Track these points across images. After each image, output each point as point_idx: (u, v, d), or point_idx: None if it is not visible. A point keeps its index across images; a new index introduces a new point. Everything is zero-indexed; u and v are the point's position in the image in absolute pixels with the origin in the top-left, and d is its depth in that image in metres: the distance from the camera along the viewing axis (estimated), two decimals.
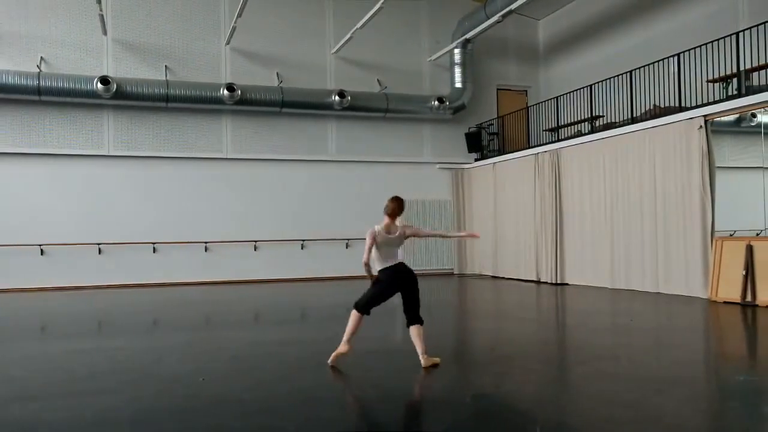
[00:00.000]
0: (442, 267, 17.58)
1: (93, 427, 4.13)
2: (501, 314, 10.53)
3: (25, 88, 13.85)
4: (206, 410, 4.53)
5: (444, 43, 17.37)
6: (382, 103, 16.66)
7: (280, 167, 16.34)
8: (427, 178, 17.61)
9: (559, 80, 17.61)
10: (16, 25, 14.35)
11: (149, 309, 11.19)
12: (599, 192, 13.20)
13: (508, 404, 4.66)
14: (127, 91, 14.51)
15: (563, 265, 14.22)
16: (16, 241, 14.16)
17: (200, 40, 15.71)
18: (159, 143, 15.34)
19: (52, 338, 8.45)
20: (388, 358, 6.32)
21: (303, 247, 16.27)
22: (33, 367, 6.03)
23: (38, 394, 4.98)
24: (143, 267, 15.05)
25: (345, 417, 4.31)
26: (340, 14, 16.62)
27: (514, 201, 15.87)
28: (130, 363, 6.17)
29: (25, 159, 14.42)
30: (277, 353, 6.30)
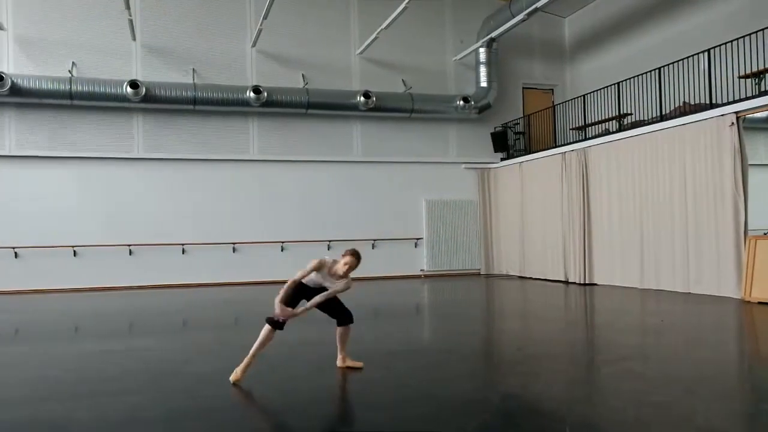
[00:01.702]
0: (468, 267, 17.50)
1: (123, 426, 4.20)
2: (528, 314, 10.45)
3: (57, 93, 14.15)
4: (234, 410, 4.57)
5: (468, 43, 17.30)
6: (407, 103, 16.65)
7: (305, 168, 16.44)
8: (453, 179, 17.55)
9: (585, 78, 17.42)
10: (49, 31, 14.67)
11: (178, 310, 11.34)
12: (628, 191, 13.02)
13: (536, 404, 4.63)
14: (156, 94, 14.72)
15: (591, 265, 14.06)
16: (49, 242, 14.47)
17: (227, 42, 15.88)
18: (187, 145, 15.54)
19: (85, 338, 8.61)
20: (412, 358, 6.30)
21: (329, 247, 16.32)
22: (66, 367, 6.15)
23: (70, 394, 5.07)
24: (173, 268, 15.25)
25: (373, 417, 4.31)
26: (365, 15, 16.67)
27: (541, 201, 15.73)
28: (160, 363, 6.25)
29: (57, 162, 14.73)
30: (301, 353, 6.33)
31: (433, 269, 17.16)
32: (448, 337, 7.94)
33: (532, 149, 16.83)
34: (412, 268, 17.10)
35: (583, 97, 14.93)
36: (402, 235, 16.99)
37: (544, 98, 18.39)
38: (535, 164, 16.09)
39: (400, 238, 16.94)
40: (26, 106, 14.40)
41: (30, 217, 14.42)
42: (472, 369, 6.02)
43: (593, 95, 14.61)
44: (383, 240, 16.82)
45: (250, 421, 4.40)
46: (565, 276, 14.80)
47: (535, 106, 17.77)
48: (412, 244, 17.14)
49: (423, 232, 17.22)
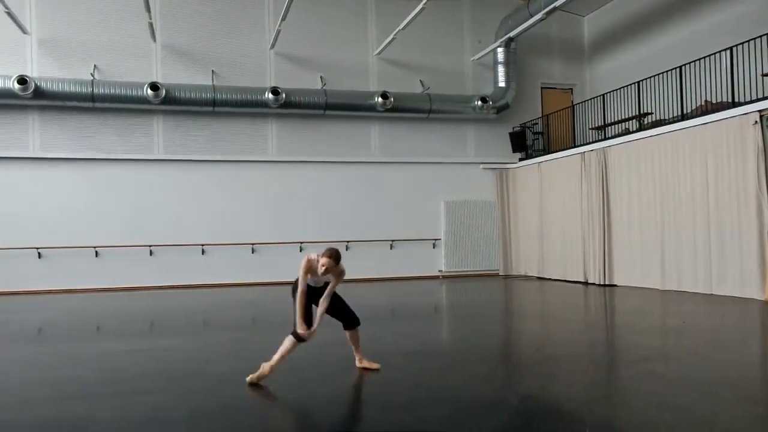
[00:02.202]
0: (487, 268, 17.44)
1: (144, 425, 4.24)
2: (547, 315, 10.39)
3: (79, 95, 14.34)
4: (253, 410, 4.60)
5: (486, 43, 17.24)
6: (425, 103, 16.64)
7: (324, 169, 16.49)
8: (471, 179, 17.50)
9: (605, 77, 17.28)
10: (71, 35, 14.87)
11: (198, 310, 11.43)
12: (648, 191, 12.89)
13: (555, 406, 4.60)
14: (176, 96, 14.86)
15: (611, 265, 13.93)
16: (72, 243, 14.67)
17: (245, 44, 15.98)
18: (206, 147, 15.66)
19: (106, 338, 8.72)
20: (430, 359, 6.29)
21: (347, 248, 16.34)
22: (88, 367, 6.22)
23: (92, 393, 5.13)
24: (192, 268, 15.39)
25: (390, 418, 4.31)
26: (383, 16, 16.69)
27: (560, 201, 15.63)
28: (180, 363, 6.31)
29: (79, 164, 14.93)
30: (320, 354, 6.35)
31: (452, 270, 17.12)
32: (466, 338, 7.92)
33: (551, 149, 16.73)
34: (431, 269, 17.07)
35: (603, 96, 14.81)
36: (420, 235, 16.97)
37: (563, 98, 18.28)
38: (554, 164, 15.99)
39: (418, 239, 16.93)
40: (49, 108, 14.61)
41: (53, 218, 14.64)
42: (491, 370, 6.00)
43: (613, 94, 14.49)
44: (401, 241, 16.82)
45: (269, 420, 4.42)
46: (584, 277, 14.69)
47: (554, 105, 17.66)
48: (431, 244, 17.12)
49: (441, 232, 17.19)
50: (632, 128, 14.02)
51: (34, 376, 5.84)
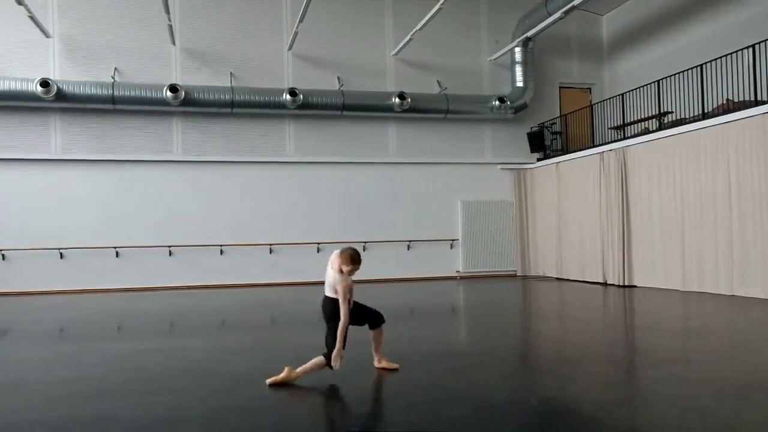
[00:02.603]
0: (504, 269, 17.37)
1: (164, 424, 4.28)
2: (566, 316, 10.32)
3: (100, 98, 14.52)
4: (273, 410, 4.62)
5: (504, 42, 17.18)
6: (443, 104, 16.61)
7: (341, 169, 16.53)
8: (489, 179, 17.45)
9: (624, 76, 17.14)
10: (92, 38, 15.05)
11: (217, 310, 11.51)
12: (669, 191, 12.76)
13: (574, 408, 4.56)
14: (195, 98, 14.98)
15: (631, 266, 13.81)
16: (93, 243, 14.85)
17: (263, 46, 16.08)
18: (225, 148, 15.77)
19: (127, 338, 8.81)
20: (449, 360, 6.28)
21: (365, 248, 16.37)
22: (109, 366, 6.30)
23: (114, 392, 5.19)
24: (211, 269, 15.51)
25: (409, 418, 4.31)
26: (400, 16, 16.70)
27: (579, 201, 15.52)
28: (200, 363, 6.36)
29: (100, 165, 15.11)
30: None
31: (469, 270, 17.07)
32: (484, 339, 7.89)
33: (570, 149, 16.62)
34: (448, 270, 17.04)
35: (622, 95, 14.69)
36: (437, 236, 16.95)
37: (582, 97, 18.15)
38: (572, 164, 15.89)
39: (435, 240, 16.90)
40: (71, 110, 14.81)
41: (74, 219, 14.83)
42: (510, 371, 5.97)
43: (632, 93, 14.36)
44: (419, 241, 16.80)
45: (287, 420, 4.44)
46: (603, 277, 14.57)
47: (573, 105, 17.55)
48: (448, 245, 17.08)
49: (459, 233, 17.15)
50: (652, 128, 13.89)
51: (57, 375, 5.92)
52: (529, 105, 17.27)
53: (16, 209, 14.57)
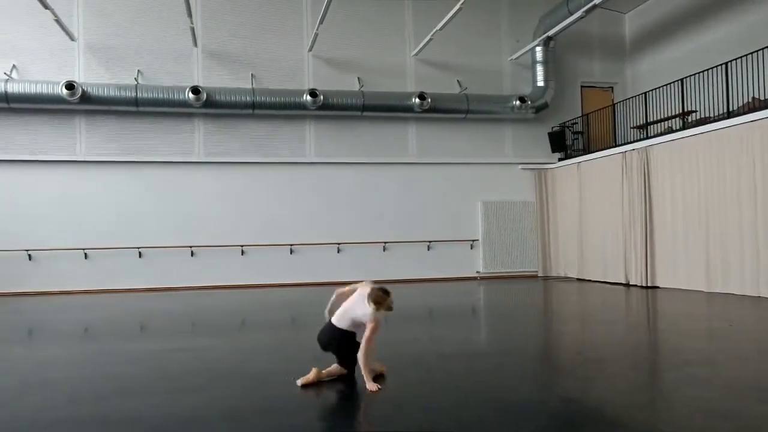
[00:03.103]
0: (525, 269, 17.27)
1: (186, 423, 4.31)
2: (588, 317, 10.22)
3: (123, 100, 14.71)
4: (293, 410, 4.64)
5: (525, 42, 17.09)
6: (463, 104, 16.56)
7: (361, 170, 16.56)
8: (509, 179, 17.37)
9: (647, 75, 16.95)
10: (116, 41, 15.25)
11: (238, 310, 11.59)
12: (693, 191, 12.59)
13: (596, 410, 4.52)
14: (216, 99, 15.11)
15: (654, 267, 13.65)
16: (116, 244, 15.05)
17: (284, 48, 16.16)
18: (246, 149, 15.89)
19: (149, 337, 8.90)
20: (470, 361, 6.25)
21: (385, 249, 16.41)
22: (132, 365, 6.37)
23: (137, 391, 5.25)
24: (232, 269, 15.62)
25: (429, 419, 4.30)
26: (420, 16, 16.69)
27: (601, 201, 15.38)
28: (220, 362, 6.40)
29: (123, 167, 15.31)
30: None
31: (489, 271, 17.00)
32: (505, 340, 7.85)
33: (591, 149, 16.48)
34: (468, 270, 16.99)
35: (645, 94, 14.52)
36: (458, 236, 16.90)
37: (604, 96, 17.98)
38: (594, 164, 15.75)
39: (455, 240, 16.86)
40: (95, 113, 15.02)
41: (98, 220, 15.05)
42: (530, 372, 5.93)
43: (655, 92, 14.19)
44: (439, 242, 16.78)
45: (308, 420, 4.46)
46: (625, 278, 14.42)
47: (594, 104, 17.40)
48: (468, 245, 17.03)
49: (479, 233, 17.09)
50: (675, 127, 13.72)
51: (82, 373, 6.00)
52: (550, 104, 17.15)
53: (42, 210, 14.82)
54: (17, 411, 4.68)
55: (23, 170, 14.86)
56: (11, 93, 14.15)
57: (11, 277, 14.57)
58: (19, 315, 11.34)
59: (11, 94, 14.15)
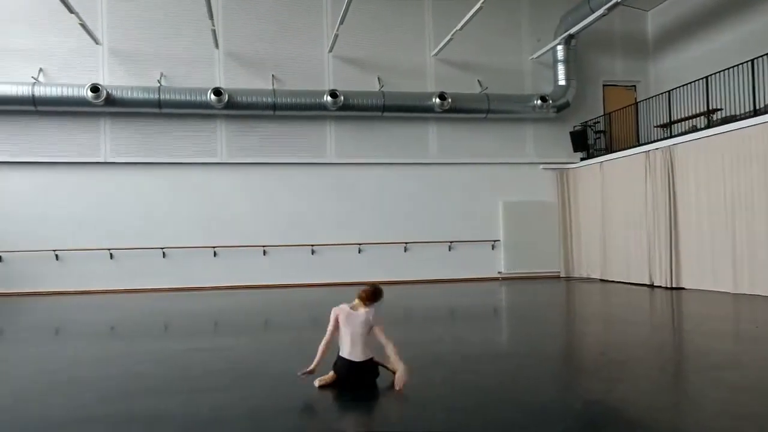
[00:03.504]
0: (547, 270, 17.15)
1: (209, 422, 4.36)
2: (611, 318, 10.12)
3: (147, 102, 14.89)
4: (315, 410, 4.67)
5: (546, 41, 16.97)
6: (483, 103, 16.50)
7: (382, 170, 16.58)
8: (531, 179, 17.27)
9: (671, 73, 16.74)
10: (140, 44, 15.44)
11: (260, 310, 11.67)
12: (718, 190, 12.40)
13: (620, 412, 4.48)
14: (238, 101, 15.23)
15: (679, 268, 13.48)
16: (141, 244, 15.24)
17: (304, 49, 16.24)
18: (267, 150, 15.98)
19: (173, 337, 9.01)
20: (493, 362, 6.24)
21: (406, 249, 16.40)
22: (157, 364, 6.45)
23: (162, 390, 5.32)
24: (254, 269, 15.73)
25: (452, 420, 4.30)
26: (439, 16, 16.67)
27: (624, 201, 15.22)
28: (243, 362, 6.46)
29: (147, 168, 15.49)
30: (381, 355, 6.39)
31: (511, 271, 16.91)
32: (527, 341, 7.81)
33: (614, 148, 16.32)
34: (490, 271, 16.92)
35: (668, 92, 14.35)
36: (479, 237, 16.84)
37: (626, 95, 17.80)
38: (616, 164, 15.59)
39: (476, 240, 16.80)
40: (119, 115, 15.22)
41: (123, 220, 15.25)
42: (553, 373, 5.90)
43: (679, 90, 14.02)
44: (460, 242, 16.73)
45: (331, 421, 4.48)
46: (650, 279, 14.26)
47: (617, 103, 17.22)
48: (489, 246, 16.96)
49: (500, 233, 17.01)
50: (700, 125, 13.53)
51: (108, 372, 6.09)
52: (571, 104, 17.02)
53: (68, 211, 15.06)
54: (47, 409, 4.77)
55: (50, 172, 15.11)
56: (38, 96, 14.39)
57: (39, 276, 14.83)
58: (47, 314, 11.53)
59: (38, 97, 14.40)
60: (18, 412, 4.70)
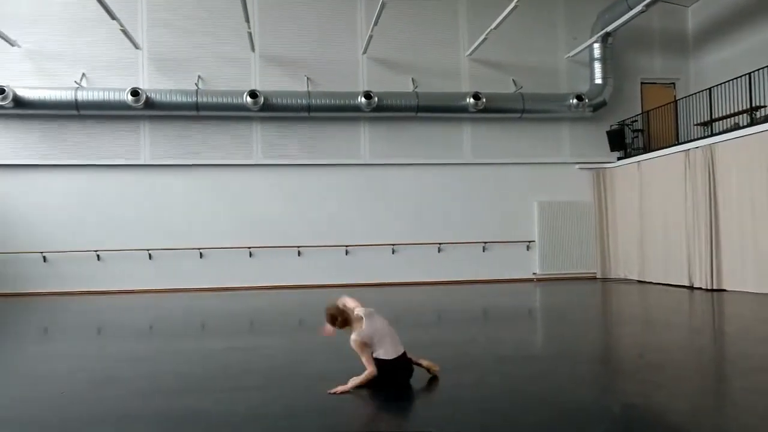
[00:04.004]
0: (583, 271, 16.92)
1: (246, 420, 4.43)
2: (650, 320, 9.94)
3: (185, 105, 15.15)
4: (350, 410, 4.69)
5: (582, 39, 16.75)
6: (518, 103, 16.36)
7: (415, 171, 16.56)
8: (566, 179, 17.06)
9: (711, 70, 16.36)
10: (178, 48, 15.72)
11: (294, 310, 11.78)
12: (761, 189, 12.06)
13: (659, 416, 4.40)
14: (273, 103, 15.39)
15: (720, 269, 13.15)
16: (179, 245, 15.51)
17: (339, 50, 16.32)
18: (302, 151, 16.11)
19: (210, 336, 9.15)
20: (527, 363, 6.18)
21: (440, 250, 16.36)
22: (194, 362, 6.57)
23: (199, 387, 5.41)
24: (289, 269, 15.87)
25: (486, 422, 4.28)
26: (474, 15, 16.59)
27: (662, 201, 14.93)
28: (279, 361, 6.54)
29: (184, 170, 15.76)
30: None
31: (546, 272, 16.73)
32: (563, 342, 7.72)
33: (652, 147, 16.02)
34: (524, 272, 16.77)
35: (709, 89, 14.02)
36: (513, 237, 16.70)
37: (665, 93, 17.45)
38: (655, 163, 15.30)
39: (511, 241, 16.67)
40: (158, 118, 15.52)
41: (161, 221, 15.55)
42: (590, 376, 5.82)
43: (721, 87, 13.69)
44: (494, 242, 16.62)
45: (365, 421, 4.50)
46: (689, 281, 13.96)
47: (655, 101, 16.90)
48: (524, 246, 16.81)
49: (535, 234, 16.85)
50: (742, 123, 13.19)
51: (148, 370, 6.22)
52: (608, 102, 16.76)
53: (109, 213, 15.42)
54: (89, 405, 4.90)
55: (92, 175, 15.48)
56: (81, 101, 14.77)
57: (81, 276, 15.21)
58: (89, 314, 11.82)
59: (81, 101, 14.78)
60: (62, 409, 4.84)
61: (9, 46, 14.91)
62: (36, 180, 15.33)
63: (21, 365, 6.62)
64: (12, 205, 15.18)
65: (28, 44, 15.23)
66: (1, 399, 5.13)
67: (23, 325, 10.51)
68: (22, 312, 12.04)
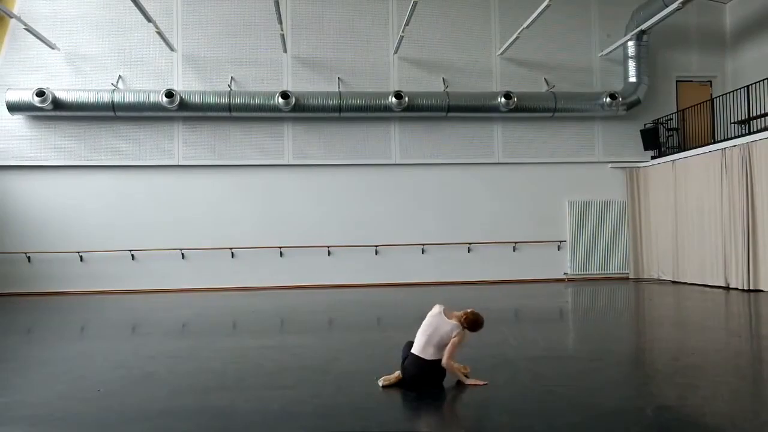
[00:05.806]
0: (616, 271, 16.70)
1: (278, 418, 4.48)
2: (685, 322, 9.77)
3: (218, 106, 15.34)
4: (381, 408, 4.72)
5: (616, 36, 16.52)
6: (550, 102, 16.20)
7: (446, 171, 16.51)
8: (599, 179, 16.85)
9: (750, 67, 15.99)
10: (211, 50, 15.93)
11: (325, 309, 11.84)
12: None
13: (694, 419, 4.34)
14: (304, 103, 15.49)
15: (757, 270, 12.87)
16: (211, 245, 15.72)
17: (370, 50, 16.36)
18: (332, 152, 16.19)
19: (242, 334, 9.27)
20: (559, 364, 6.13)
21: (470, 250, 16.30)
22: (227, 360, 6.66)
23: (233, 385, 5.50)
24: (320, 269, 15.97)
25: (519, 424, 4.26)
26: (506, 14, 16.49)
27: (698, 200, 14.65)
28: (311, 360, 6.58)
29: (217, 170, 15.96)
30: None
31: (578, 273, 16.55)
32: (596, 344, 7.64)
33: (687, 146, 15.73)
34: (556, 272, 16.61)
35: (747, 87, 13.72)
36: (544, 237, 16.56)
37: (701, 91, 17.12)
38: (690, 162, 15.03)
39: (542, 241, 16.52)
40: (191, 119, 15.76)
41: (194, 221, 15.77)
42: (623, 378, 5.76)
43: (759, 85, 13.38)
44: (525, 243, 16.50)
45: (397, 420, 4.52)
46: (725, 281, 13.68)
47: (691, 100, 16.59)
48: (555, 246, 16.65)
49: (566, 234, 16.67)
50: None
51: (182, 368, 6.33)
52: (642, 101, 16.50)
53: (144, 213, 15.69)
54: (125, 402, 5.01)
55: (127, 175, 15.78)
56: (117, 102, 15.07)
57: (117, 276, 15.51)
58: (124, 312, 12.06)
59: (117, 103, 15.07)
60: (98, 405, 4.95)
61: (49, 50, 15.29)
62: (73, 181, 15.67)
63: (59, 363, 6.79)
64: (50, 206, 15.55)
65: (67, 47, 15.59)
66: (40, 396, 5.27)
67: (60, 323, 10.77)
68: (59, 311, 12.33)
